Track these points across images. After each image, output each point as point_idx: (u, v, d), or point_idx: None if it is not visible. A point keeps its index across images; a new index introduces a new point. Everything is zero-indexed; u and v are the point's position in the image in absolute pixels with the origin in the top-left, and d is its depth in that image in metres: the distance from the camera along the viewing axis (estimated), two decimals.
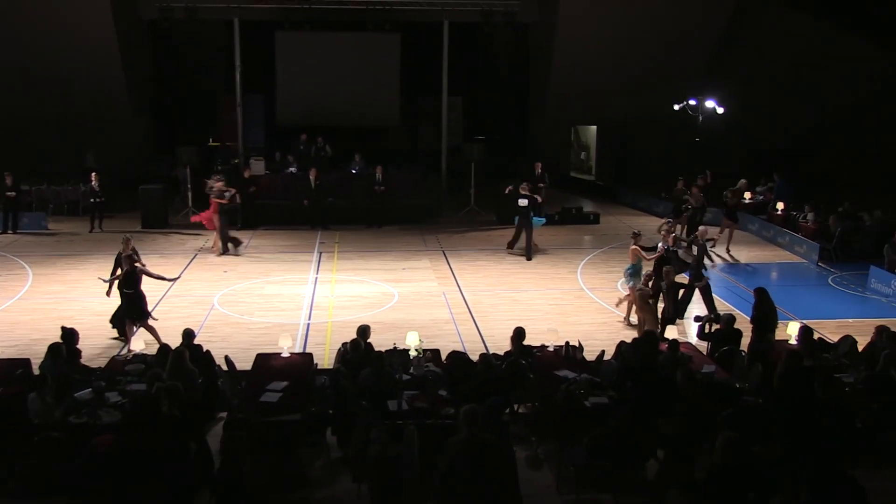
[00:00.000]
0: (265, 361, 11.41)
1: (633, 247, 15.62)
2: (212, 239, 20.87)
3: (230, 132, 27.51)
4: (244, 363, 11.73)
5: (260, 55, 29.54)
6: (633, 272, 15.41)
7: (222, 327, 14.75)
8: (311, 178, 23.37)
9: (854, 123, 26.48)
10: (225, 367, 11.34)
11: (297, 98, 30.52)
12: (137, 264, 13.64)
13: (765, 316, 12.64)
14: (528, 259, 20.11)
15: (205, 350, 11.44)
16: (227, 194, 20.55)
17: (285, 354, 11.57)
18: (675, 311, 13.90)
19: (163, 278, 14.35)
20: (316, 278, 18.26)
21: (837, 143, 27.47)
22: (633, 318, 14.76)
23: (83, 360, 11.62)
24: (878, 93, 25.85)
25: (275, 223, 23.57)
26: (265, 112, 30.77)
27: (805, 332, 11.80)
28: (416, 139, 32.78)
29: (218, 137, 29.41)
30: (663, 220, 17.56)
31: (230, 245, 20.36)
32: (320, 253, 20.67)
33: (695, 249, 15.62)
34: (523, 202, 20.08)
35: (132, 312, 13.43)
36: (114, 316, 13.89)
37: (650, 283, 14.39)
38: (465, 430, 7.73)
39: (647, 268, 15.67)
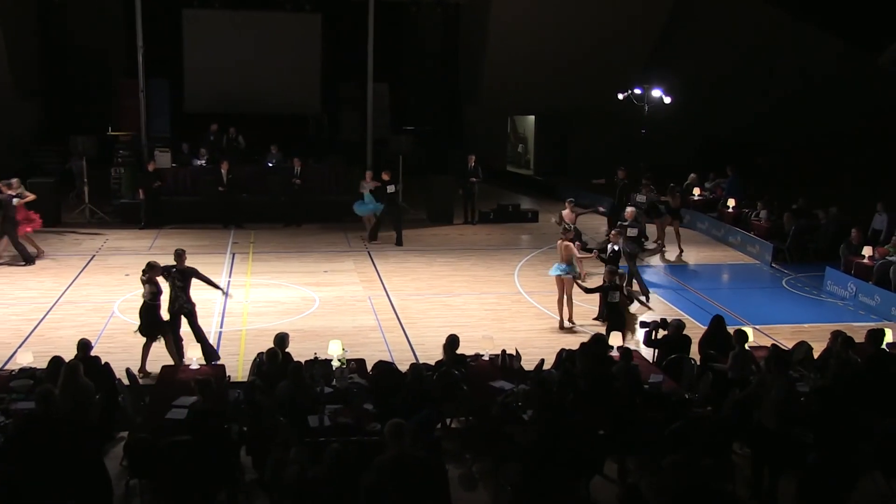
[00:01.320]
0: (172, 374, 11.26)
1: (566, 243, 15.58)
2: (109, 238, 20.48)
3: (132, 120, 26.95)
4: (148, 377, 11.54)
5: (165, 35, 29.07)
6: (567, 271, 15.54)
7: (123, 337, 14.44)
8: (223, 171, 23.10)
9: (807, 113, 27.11)
10: (126, 382, 11.13)
11: (207, 83, 30.10)
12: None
13: (713, 339, 12.76)
14: (399, 244, 21.42)
15: (103, 362, 11.21)
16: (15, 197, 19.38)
17: (194, 366, 11.43)
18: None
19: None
20: (228, 282, 18.03)
21: (790, 135, 28.12)
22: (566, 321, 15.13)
23: None
24: (831, 80, 26.50)
25: (182, 221, 23.23)
26: (171, 99, 30.20)
27: (740, 335, 11.89)
28: (338, 129, 32.61)
29: (118, 126, 28.80)
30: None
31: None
32: (233, 254, 20.44)
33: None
34: (391, 188, 21.49)
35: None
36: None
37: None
38: (392, 446, 7.70)
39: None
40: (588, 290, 15.02)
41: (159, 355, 13.29)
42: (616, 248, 15.82)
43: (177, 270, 13.25)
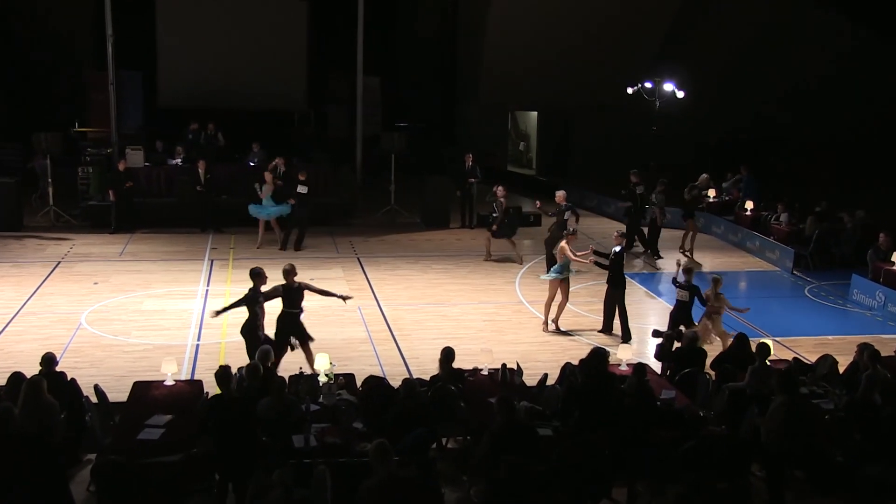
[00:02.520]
0: (145, 391, 11.23)
1: (563, 244, 15.83)
2: (76, 244, 20.46)
3: (101, 116, 26.98)
4: (119, 393, 11.52)
5: (137, 23, 29.06)
6: (560, 270, 15.67)
7: (92, 350, 14.45)
8: (200, 171, 23.05)
9: (830, 107, 27.12)
10: (94, 399, 11.09)
11: (183, 76, 30.11)
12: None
13: (733, 358, 12.77)
14: (297, 249, 21.39)
15: (69, 378, 11.16)
16: None
17: (169, 382, 11.40)
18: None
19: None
20: (206, 291, 18.03)
21: (812, 131, 28.11)
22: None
23: None
24: (856, 71, 26.51)
25: (156, 225, 23.19)
26: (144, 92, 30.25)
27: (761, 349, 11.93)
28: (325, 126, 32.63)
29: (85, 122, 28.81)
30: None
31: None
32: (212, 260, 20.43)
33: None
34: (303, 189, 21.32)
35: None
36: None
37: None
38: (378, 469, 7.70)
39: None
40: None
41: (131, 371, 13.29)
42: (617, 249, 15.74)
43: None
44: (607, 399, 10.55)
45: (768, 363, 11.66)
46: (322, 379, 11.20)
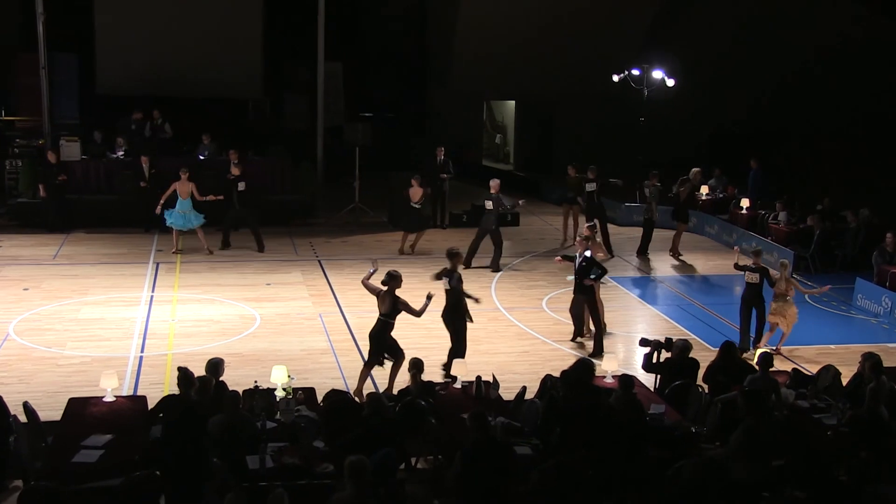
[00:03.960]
0: (81, 408, 11.14)
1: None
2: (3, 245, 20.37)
3: (31, 103, 26.78)
4: (52, 411, 11.45)
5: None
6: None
7: (21, 364, 14.34)
8: (144, 165, 22.92)
9: (833, 95, 27.26)
10: (23, 418, 10.99)
11: (125, 60, 29.82)
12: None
13: (723, 369, 12.82)
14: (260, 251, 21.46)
15: None
16: None
17: (109, 398, 11.32)
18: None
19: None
20: (151, 297, 17.94)
21: (813, 123, 28.24)
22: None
23: None
24: (861, 56, 26.66)
25: (95, 224, 23.04)
26: (80, 77, 30.01)
27: (764, 359, 12.01)
28: (282, 116, 32.56)
29: (13, 110, 28.60)
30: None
31: None
32: (157, 263, 20.34)
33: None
34: (241, 186, 21.51)
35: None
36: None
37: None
38: (350, 488, 7.70)
39: None
40: None
41: (65, 386, 13.20)
42: (588, 255, 15.61)
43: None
44: (591, 414, 10.58)
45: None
46: (279, 393, 11.17)
